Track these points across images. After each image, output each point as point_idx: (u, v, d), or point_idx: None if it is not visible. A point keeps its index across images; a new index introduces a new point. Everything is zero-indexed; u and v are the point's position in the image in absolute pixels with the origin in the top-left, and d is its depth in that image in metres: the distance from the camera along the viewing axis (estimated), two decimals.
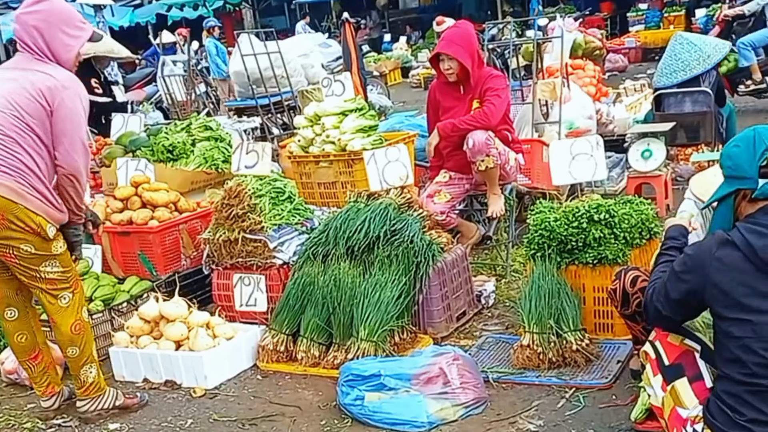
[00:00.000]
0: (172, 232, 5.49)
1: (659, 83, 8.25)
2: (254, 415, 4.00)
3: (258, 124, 8.66)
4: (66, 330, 3.99)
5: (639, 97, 10.16)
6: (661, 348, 2.74)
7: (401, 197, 4.83)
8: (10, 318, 4.04)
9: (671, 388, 2.70)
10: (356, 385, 3.79)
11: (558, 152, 4.42)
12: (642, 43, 18.62)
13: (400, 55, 21.38)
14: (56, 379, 4.25)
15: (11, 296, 4.04)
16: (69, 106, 3.74)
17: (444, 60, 5.29)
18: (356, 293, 4.41)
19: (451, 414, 3.65)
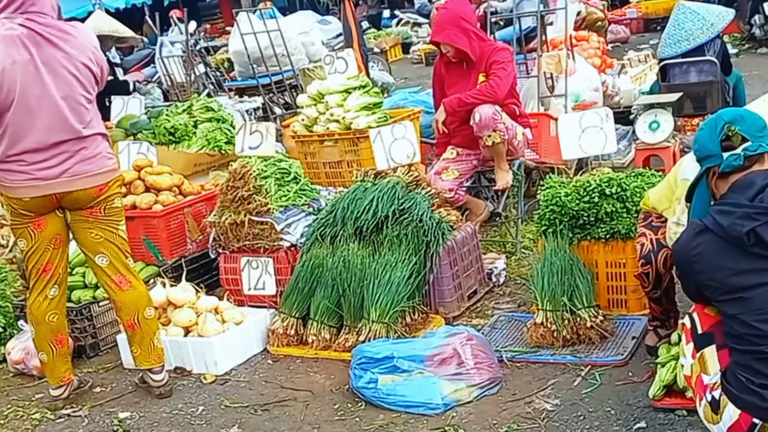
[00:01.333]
0: (177, 216, 5.41)
1: (663, 54, 8.11)
2: (266, 401, 3.95)
3: (260, 104, 8.55)
4: (143, 289, 4.10)
5: (644, 68, 10.03)
6: (697, 318, 2.77)
7: (408, 175, 4.75)
8: (52, 296, 3.99)
9: (700, 356, 2.70)
10: (369, 368, 3.74)
11: (567, 126, 4.34)
12: (643, 14, 18.38)
13: (400, 31, 21.19)
14: (71, 367, 4.21)
15: (62, 273, 4.03)
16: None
17: (440, 45, 5.21)
18: (366, 274, 4.34)
19: (466, 395, 3.59)
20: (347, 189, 5.38)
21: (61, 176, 3.77)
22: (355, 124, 5.56)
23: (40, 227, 3.86)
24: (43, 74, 3.72)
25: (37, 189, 3.75)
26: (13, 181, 3.74)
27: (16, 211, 3.82)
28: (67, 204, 3.87)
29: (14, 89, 3.66)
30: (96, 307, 4.80)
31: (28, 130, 3.71)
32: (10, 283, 5.15)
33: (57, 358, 4.06)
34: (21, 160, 3.72)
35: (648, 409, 3.27)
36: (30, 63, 3.69)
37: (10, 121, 3.69)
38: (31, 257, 3.90)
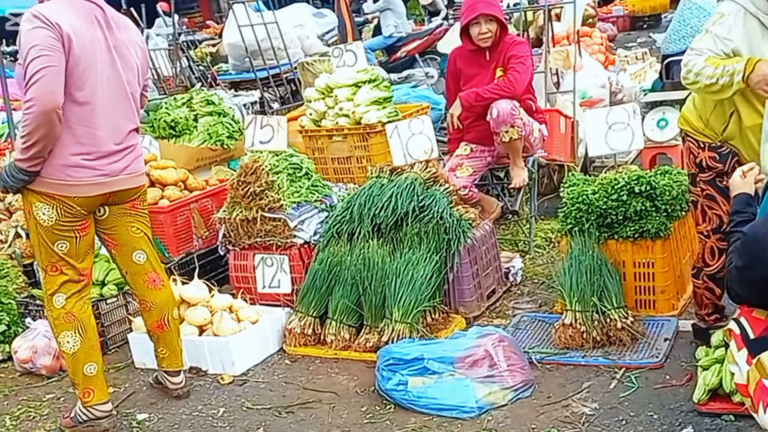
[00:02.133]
0: (184, 211, 5.28)
1: (668, 50, 8.07)
2: (289, 402, 3.83)
3: (257, 98, 8.40)
4: (171, 288, 3.94)
5: (643, 65, 9.99)
6: (746, 323, 2.64)
7: (426, 171, 4.65)
8: (88, 299, 3.75)
9: (757, 361, 2.59)
10: (398, 370, 3.63)
11: (594, 122, 4.25)
12: (630, 12, 18.37)
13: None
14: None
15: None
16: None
17: (480, 23, 5.04)
18: (387, 273, 4.23)
19: (501, 398, 3.50)
20: (358, 185, 5.30)
21: (122, 173, 3.60)
22: (365, 119, 5.45)
23: (85, 231, 3.59)
24: (116, 59, 3.55)
25: (101, 186, 3.53)
26: (79, 178, 3.46)
27: (68, 212, 3.49)
28: (112, 200, 3.66)
29: (93, 71, 3.43)
30: (103, 305, 4.66)
31: (101, 121, 3.49)
32: (13, 279, 4.98)
33: (101, 368, 3.75)
34: (90, 153, 3.47)
35: (692, 413, 3.20)
36: (105, 44, 3.50)
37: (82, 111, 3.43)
38: (69, 262, 3.57)
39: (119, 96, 3.55)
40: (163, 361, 3.97)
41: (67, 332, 3.61)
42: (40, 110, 3.24)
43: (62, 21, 3.31)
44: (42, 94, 3.23)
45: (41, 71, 3.23)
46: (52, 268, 3.59)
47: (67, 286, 3.61)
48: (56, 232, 3.52)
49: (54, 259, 3.56)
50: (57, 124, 3.30)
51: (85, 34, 3.39)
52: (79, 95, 3.39)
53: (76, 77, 3.37)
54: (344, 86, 5.55)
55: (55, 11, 3.34)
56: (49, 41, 3.26)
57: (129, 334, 4.47)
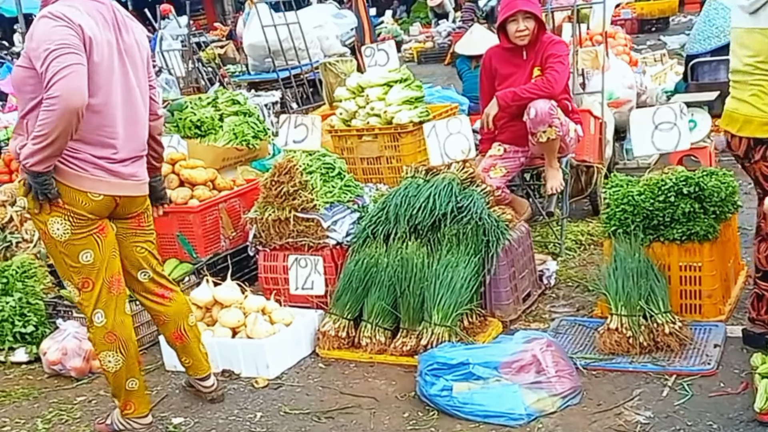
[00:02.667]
0: (213, 211, 5.20)
1: (692, 50, 7.98)
2: (328, 407, 3.74)
3: (278, 98, 8.31)
4: (183, 297, 3.82)
5: (664, 67, 9.89)
6: None
7: (463, 172, 4.55)
8: (130, 312, 3.61)
9: None
10: (442, 375, 3.54)
11: (640, 121, 4.15)
12: (638, 15, 18.24)
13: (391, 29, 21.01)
14: None
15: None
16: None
17: (518, 20, 4.95)
18: (426, 275, 4.14)
19: (550, 405, 3.40)
20: (388, 185, 5.22)
21: (131, 178, 3.46)
22: (396, 119, 5.36)
23: (104, 232, 3.43)
24: (127, 63, 3.41)
25: (110, 186, 3.37)
26: (90, 172, 3.32)
27: (82, 216, 3.33)
28: (118, 211, 3.49)
29: (108, 77, 3.29)
30: (133, 305, 4.51)
31: (114, 129, 3.35)
32: (40, 279, 4.91)
33: (142, 382, 3.66)
34: (103, 158, 3.34)
35: (753, 423, 3.09)
36: (117, 48, 3.36)
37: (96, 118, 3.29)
38: (99, 269, 3.41)
39: (132, 101, 3.43)
40: (189, 370, 3.89)
41: (109, 352, 3.51)
42: (65, 107, 3.07)
43: (83, 23, 3.20)
44: (71, 90, 3.07)
45: (69, 67, 3.08)
46: (83, 284, 3.43)
47: (103, 300, 3.46)
48: (76, 243, 3.36)
49: (83, 273, 3.41)
50: (77, 123, 3.15)
51: (102, 38, 3.27)
52: (94, 102, 3.24)
53: (93, 84, 3.22)
54: (376, 86, 5.47)
55: (75, 12, 3.21)
56: (73, 40, 3.14)
57: (160, 336, 4.36)
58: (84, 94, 3.13)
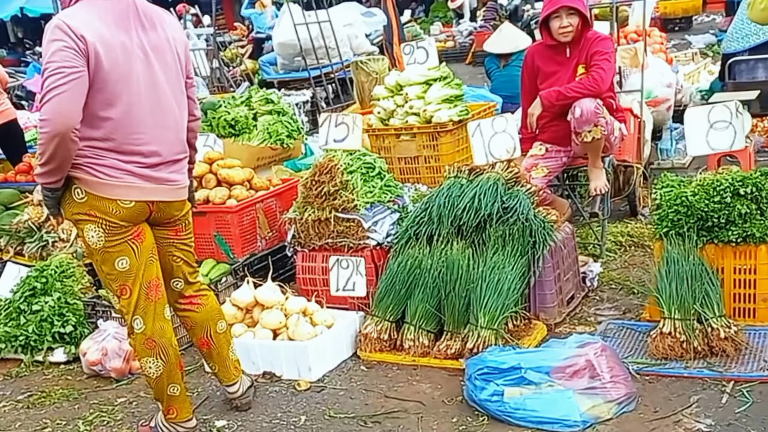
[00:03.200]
0: (250, 211, 5.14)
1: (729, 48, 7.82)
2: (373, 412, 3.66)
3: (308, 97, 8.25)
4: (215, 303, 3.72)
5: (697, 66, 9.75)
6: None
7: (508, 171, 4.46)
8: (169, 317, 3.52)
9: None
10: (492, 379, 3.45)
11: (694, 120, 4.05)
12: (661, 14, 17.98)
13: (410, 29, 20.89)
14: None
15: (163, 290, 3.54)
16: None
17: (561, 17, 4.84)
18: (473, 277, 4.05)
19: (605, 412, 3.30)
20: (426, 186, 5.14)
21: (166, 183, 3.35)
22: (436, 118, 5.25)
23: (140, 238, 3.33)
24: (153, 62, 3.26)
25: (141, 192, 3.26)
26: (117, 178, 3.21)
27: (114, 224, 3.24)
28: (156, 216, 3.40)
29: (127, 82, 3.17)
30: None
31: (143, 135, 3.24)
32: (78, 279, 4.86)
33: (183, 388, 3.57)
34: (133, 163, 3.25)
35: None
36: (140, 48, 3.22)
37: (119, 125, 3.19)
38: (136, 276, 3.33)
39: (161, 103, 3.30)
40: (216, 376, 3.83)
41: (149, 359, 3.44)
42: (52, 131, 3.02)
43: (88, 31, 3.06)
44: (54, 115, 3.01)
45: (54, 90, 3.00)
46: (121, 291, 3.37)
47: (142, 307, 3.39)
48: (111, 251, 3.29)
49: (120, 280, 3.35)
50: (70, 145, 3.06)
51: (114, 42, 3.13)
52: (114, 110, 3.16)
53: (109, 92, 3.14)
54: (415, 84, 5.37)
55: (82, 19, 3.09)
56: (68, 57, 3.02)
57: None
58: (69, 118, 3.03)
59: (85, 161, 3.20)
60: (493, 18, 18.23)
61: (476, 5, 20.63)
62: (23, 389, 4.34)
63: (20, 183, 6.65)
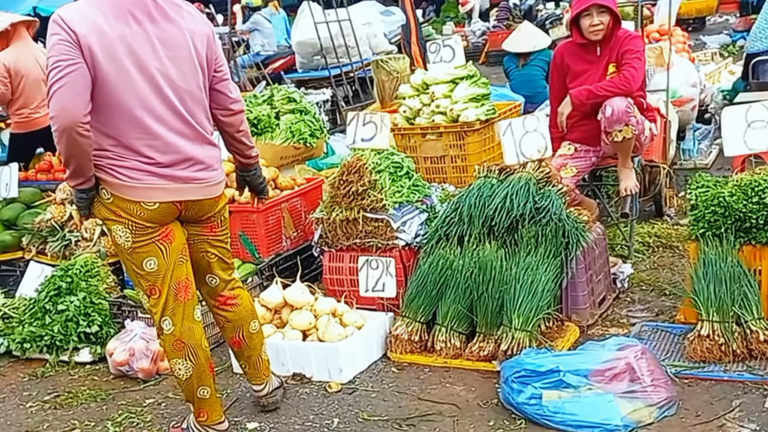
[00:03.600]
0: (275, 211, 5.10)
1: (753, 48, 7.73)
2: (407, 414, 3.61)
3: (328, 96, 8.20)
4: (248, 303, 3.66)
5: (718, 66, 9.68)
6: None
7: (539, 171, 4.40)
8: (199, 318, 3.46)
9: None
10: (530, 382, 3.39)
11: (732, 119, 3.98)
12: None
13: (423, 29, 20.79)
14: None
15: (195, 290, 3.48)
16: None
17: (592, 15, 4.77)
18: (506, 278, 3.99)
19: (647, 416, 3.24)
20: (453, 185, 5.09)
21: (192, 182, 3.26)
22: (463, 117, 5.20)
23: (169, 238, 3.27)
24: (162, 55, 3.15)
25: (166, 192, 3.19)
26: (139, 180, 3.15)
27: (140, 225, 3.20)
28: (187, 215, 3.35)
29: (127, 75, 3.07)
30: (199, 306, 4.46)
31: (155, 129, 3.15)
32: (103, 278, 4.82)
33: (214, 390, 3.51)
34: (150, 159, 3.17)
35: None
36: (146, 40, 3.10)
37: (128, 120, 3.11)
38: (165, 276, 3.28)
39: (171, 98, 3.18)
40: (246, 375, 3.80)
41: (179, 360, 3.40)
42: (58, 127, 2.99)
43: (82, 25, 3.00)
44: (58, 110, 2.98)
45: (55, 84, 2.97)
46: (150, 291, 3.33)
47: (170, 308, 3.34)
48: (139, 251, 3.25)
49: (149, 280, 3.31)
50: (81, 140, 3.00)
51: (112, 34, 3.03)
52: (118, 104, 3.09)
53: (110, 86, 3.06)
54: (442, 83, 5.32)
55: (79, 12, 3.04)
56: (64, 51, 2.98)
57: None
58: (72, 113, 2.98)
59: (107, 162, 3.16)
60: (506, 18, 18.16)
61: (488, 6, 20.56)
62: (50, 389, 4.31)
63: (41, 182, 6.63)
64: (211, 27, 3.44)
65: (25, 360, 4.70)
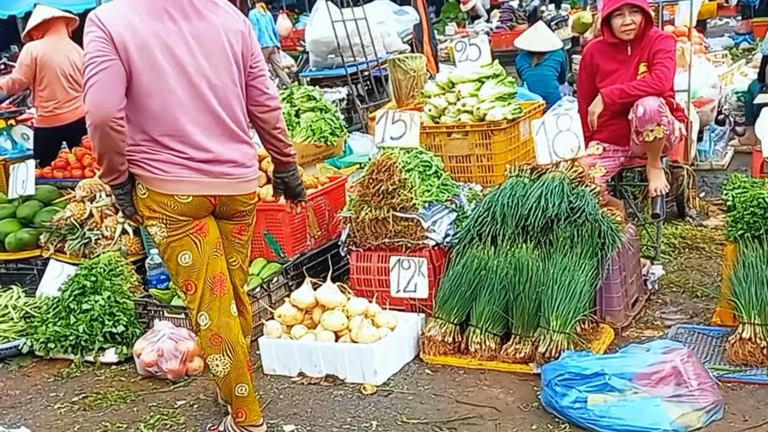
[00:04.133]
0: (301, 210, 5.00)
1: None
2: (447, 417, 3.56)
3: (344, 94, 8.14)
4: (249, 318, 3.67)
5: (730, 68, 9.64)
6: None
7: (572, 171, 4.35)
8: (236, 313, 3.44)
9: None
10: (574, 385, 3.34)
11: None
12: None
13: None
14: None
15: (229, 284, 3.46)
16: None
17: (624, 14, 4.73)
18: (543, 279, 3.94)
19: (695, 420, 3.19)
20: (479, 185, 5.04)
21: (223, 177, 3.26)
22: (490, 115, 5.14)
23: (203, 231, 3.27)
24: (196, 51, 3.16)
25: (198, 186, 3.20)
26: (171, 173, 3.16)
27: (173, 218, 3.21)
28: (220, 210, 3.35)
29: (162, 72, 3.09)
30: None
31: (187, 126, 3.16)
32: (126, 278, 4.76)
33: (252, 388, 3.47)
34: (183, 153, 3.18)
35: None
36: (180, 38, 3.12)
37: (161, 117, 3.14)
38: (200, 271, 3.28)
39: (203, 93, 3.19)
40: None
41: (216, 356, 3.37)
42: (92, 122, 3.02)
43: (116, 23, 3.03)
44: (92, 106, 3.02)
45: (89, 80, 3.01)
46: (186, 286, 3.33)
47: (207, 302, 3.33)
48: (174, 246, 3.26)
49: (184, 275, 3.31)
50: (114, 135, 3.03)
51: (146, 32, 3.06)
52: (151, 100, 3.11)
53: (144, 83, 3.09)
54: (468, 81, 5.26)
55: (114, 10, 3.09)
56: (99, 47, 3.01)
57: (260, 339, 4.22)
58: (107, 108, 3.00)
59: (141, 156, 3.18)
60: (509, 19, 18.11)
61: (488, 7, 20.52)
62: (77, 390, 4.25)
63: (57, 179, 6.56)
64: (247, 23, 3.42)
65: (48, 360, 4.64)
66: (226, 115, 3.26)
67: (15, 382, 4.44)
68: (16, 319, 4.88)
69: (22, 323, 4.87)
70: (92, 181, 5.60)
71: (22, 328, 4.85)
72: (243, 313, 3.59)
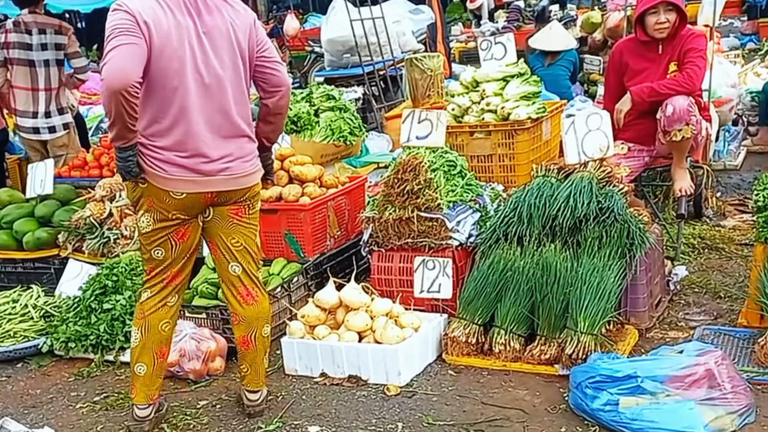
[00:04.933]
0: (322, 209, 5.00)
1: None
2: (473, 419, 3.52)
3: (360, 94, 8.11)
4: (266, 304, 3.68)
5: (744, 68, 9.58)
6: None
7: (600, 170, 4.31)
8: (171, 304, 3.60)
9: None
10: (606, 388, 3.29)
11: None
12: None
13: None
14: (161, 386, 3.75)
15: (185, 283, 3.67)
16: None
17: (659, 12, 4.68)
18: (572, 279, 3.90)
19: (729, 424, 3.14)
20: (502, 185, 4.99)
21: (220, 173, 3.38)
22: (514, 115, 5.09)
23: (183, 238, 3.47)
24: (207, 48, 3.29)
25: (195, 185, 3.34)
26: (172, 174, 3.31)
27: (162, 215, 3.38)
28: (218, 201, 3.46)
29: (178, 63, 3.22)
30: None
31: (193, 117, 3.29)
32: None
33: (155, 373, 3.61)
34: (184, 150, 3.31)
35: None
36: (195, 32, 3.26)
37: (171, 106, 3.26)
38: (167, 267, 3.51)
39: (214, 88, 3.31)
40: (244, 378, 3.73)
41: (135, 328, 3.59)
42: (108, 88, 3.07)
43: (142, 11, 3.16)
44: (111, 72, 3.06)
45: (113, 50, 3.07)
46: (149, 271, 3.57)
47: (157, 288, 3.56)
48: (153, 238, 3.45)
49: (152, 264, 3.54)
50: (127, 105, 3.07)
51: (168, 22, 3.19)
52: (166, 90, 3.23)
53: (161, 70, 3.20)
54: (493, 80, 5.21)
55: (139, 1, 3.19)
56: (126, 23, 3.11)
57: (282, 339, 4.19)
58: (125, 75, 3.06)
59: (144, 152, 3.30)
60: (516, 19, 18.04)
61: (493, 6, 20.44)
62: (98, 390, 4.22)
63: (74, 178, 6.54)
64: (253, 15, 3.53)
65: (68, 359, 4.61)
66: (230, 109, 3.38)
67: (35, 382, 4.42)
68: (36, 318, 4.85)
69: (42, 322, 4.84)
70: (112, 181, 5.58)
71: (41, 327, 4.82)
72: (255, 299, 3.62)
